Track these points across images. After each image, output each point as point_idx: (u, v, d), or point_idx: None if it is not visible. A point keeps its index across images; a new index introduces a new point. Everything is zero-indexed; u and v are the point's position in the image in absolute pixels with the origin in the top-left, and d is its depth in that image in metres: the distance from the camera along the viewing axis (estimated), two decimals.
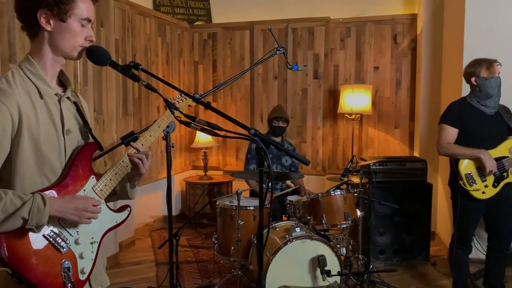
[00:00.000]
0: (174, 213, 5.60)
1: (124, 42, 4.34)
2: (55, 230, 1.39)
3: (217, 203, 3.46)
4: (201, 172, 5.52)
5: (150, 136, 1.67)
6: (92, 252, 1.48)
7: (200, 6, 5.78)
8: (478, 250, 3.71)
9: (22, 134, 1.34)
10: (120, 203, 1.67)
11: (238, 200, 3.13)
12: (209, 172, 5.51)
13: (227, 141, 5.54)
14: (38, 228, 1.32)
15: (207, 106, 1.43)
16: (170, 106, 1.42)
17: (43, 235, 1.35)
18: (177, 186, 5.70)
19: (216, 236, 3.47)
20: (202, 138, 5.38)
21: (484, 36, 3.78)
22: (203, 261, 4.16)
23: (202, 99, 2.88)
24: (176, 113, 1.60)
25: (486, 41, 3.75)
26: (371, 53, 5.13)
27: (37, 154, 1.38)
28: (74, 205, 1.38)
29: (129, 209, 1.61)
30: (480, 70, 2.90)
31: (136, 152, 1.57)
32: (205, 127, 1.41)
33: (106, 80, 3.89)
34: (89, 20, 1.46)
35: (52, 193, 1.38)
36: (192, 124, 1.41)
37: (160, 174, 4.98)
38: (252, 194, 3.98)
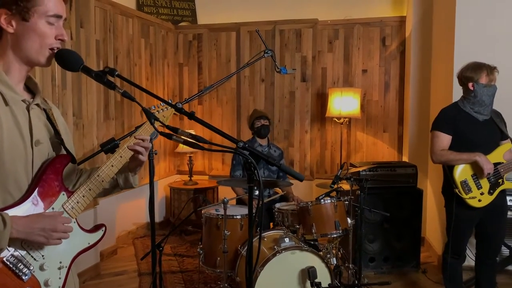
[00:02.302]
0: (158, 219, 5.44)
1: (105, 43, 4.17)
2: (17, 254, 1.23)
3: (203, 211, 3.32)
4: (186, 177, 5.37)
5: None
6: (59, 278, 1.32)
7: (185, 6, 5.64)
8: (469, 257, 3.64)
9: None
10: (86, 226, 1.51)
11: (225, 209, 2.99)
12: (194, 177, 5.36)
13: (214, 139, 5.40)
14: None
15: (191, 116, 1.30)
16: (149, 116, 1.29)
17: (2, 261, 1.20)
18: (162, 192, 5.53)
19: (201, 246, 3.33)
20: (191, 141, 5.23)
21: (475, 39, 3.72)
22: (188, 271, 4.01)
23: (188, 103, 2.73)
24: (158, 123, 1.48)
25: (478, 44, 3.69)
26: (360, 55, 5.04)
27: None
28: (41, 224, 1.23)
29: (103, 228, 1.46)
30: (480, 76, 2.80)
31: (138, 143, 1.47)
32: (188, 139, 1.27)
33: (86, 83, 3.72)
34: (58, 16, 1.31)
35: (15, 211, 1.23)
36: (174, 137, 1.27)
37: (143, 179, 4.80)
38: (239, 201, 3.85)
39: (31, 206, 1.26)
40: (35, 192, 1.28)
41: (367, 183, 3.01)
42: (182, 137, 1.29)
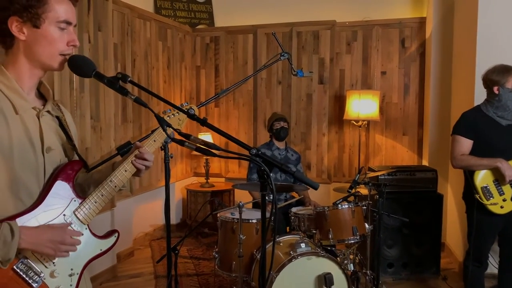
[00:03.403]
0: (175, 221, 5.46)
1: (123, 46, 4.20)
2: (27, 262, 1.23)
3: (218, 215, 3.31)
4: (203, 179, 5.37)
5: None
6: (71, 285, 1.32)
7: (202, 9, 5.64)
8: (492, 265, 3.53)
9: None
10: (103, 229, 1.50)
11: (240, 213, 2.97)
12: (211, 179, 5.36)
13: (230, 146, 5.39)
14: (4, 263, 1.16)
15: (203, 122, 1.28)
16: (161, 123, 1.27)
17: (12, 268, 1.19)
18: (178, 194, 5.55)
19: (217, 249, 3.31)
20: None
21: (498, 40, 3.61)
22: (203, 274, 4.00)
23: (205, 106, 2.71)
24: (171, 129, 1.47)
25: (501, 46, 3.58)
26: (378, 57, 4.97)
27: (9, 175, 1.22)
28: (49, 236, 1.23)
29: (116, 234, 1.44)
30: (507, 79, 2.70)
31: (140, 157, 1.44)
32: (200, 146, 1.25)
33: (103, 86, 3.72)
34: (68, 23, 1.31)
35: (26, 218, 1.22)
36: (186, 143, 1.25)
37: (160, 181, 4.83)
38: (255, 205, 3.82)
39: (42, 213, 1.26)
40: (46, 199, 1.27)
41: (385, 188, 2.94)
42: (195, 143, 1.26)
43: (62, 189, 1.31)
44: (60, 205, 1.30)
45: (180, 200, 5.58)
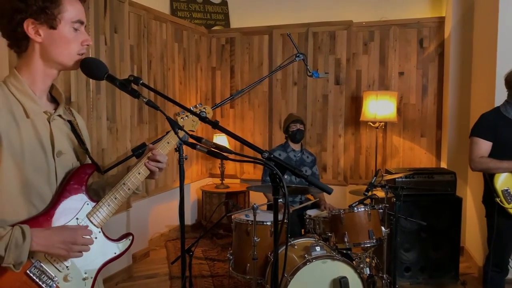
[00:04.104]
0: (190, 222, 5.47)
1: (139, 48, 4.23)
2: (40, 266, 1.23)
3: (232, 217, 3.29)
4: (218, 180, 5.37)
5: None
6: None
7: (218, 10, 5.65)
8: None
9: (2, 158, 1.19)
10: (119, 229, 1.50)
11: (254, 215, 2.95)
12: (226, 181, 5.35)
13: (245, 148, 5.37)
14: (16, 267, 1.16)
15: (215, 125, 1.26)
16: (173, 126, 1.26)
17: (25, 273, 1.20)
18: (194, 195, 5.56)
19: (231, 251, 3.30)
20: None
21: None
22: (218, 276, 4.00)
23: (221, 107, 2.70)
24: (190, 126, 1.46)
25: None
26: (396, 58, 4.89)
27: (21, 180, 1.22)
28: (61, 237, 1.22)
29: (130, 237, 1.44)
30: None
31: (153, 159, 1.43)
32: (212, 149, 1.24)
33: None
34: (81, 22, 1.31)
35: (38, 223, 1.22)
36: (198, 146, 1.24)
37: (176, 182, 4.84)
38: (270, 206, 3.80)
39: (55, 217, 1.26)
40: (59, 203, 1.27)
41: (402, 191, 2.89)
42: (206, 146, 1.25)
43: (74, 193, 1.31)
44: (73, 209, 1.30)
45: (195, 201, 5.59)
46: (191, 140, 1.27)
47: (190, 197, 5.44)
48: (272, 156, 1.21)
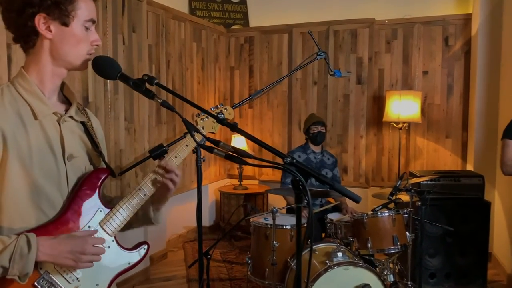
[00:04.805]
0: (208, 223, 5.41)
1: (157, 47, 4.18)
2: (49, 277, 1.16)
3: (251, 220, 3.21)
4: (236, 181, 5.30)
5: (176, 157, 1.41)
6: None
7: (237, 9, 5.58)
8: None
9: (8, 163, 1.13)
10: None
11: (274, 219, 2.86)
12: (244, 182, 5.28)
13: (263, 149, 5.29)
14: (22, 278, 1.09)
15: (234, 128, 1.18)
16: (189, 128, 1.18)
17: (33, 284, 1.13)
18: (212, 196, 5.50)
19: (249, 255, 3.22)
20: (237, 146, 5.15)
21: None
22: (236, 279, 3.92)
23: (239, 107, 2.62)
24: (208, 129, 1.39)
25: None
26: (420, 56, 4.74)
27: (30, 185, 1.16)
28: (69, 246, 1.14)
29: (145, 247, 1.36)
30: None
31: (164, 170, 1.34)
32: (230, 153, 1.16)
33: None
34: (93, 21, 1.25)
35: (47, 231, 1.15)
36: (215, 150, 1.16)
37: (194, 183, 4.79)
38: (289, 209, 3.71)
39: (65, 225, 1.19)
40: (70, 209, 1.20)
41: (429, 195, 2.76)
42: (224, 150, 1.17)
43: (87, 199, 1.24)
44: (85, 216, 1.23)
45: (213, 202, 5.54)
46: (208, 143, 1.19)
47: (208, 198, 5.38)
48: (295, 161, 1.12)
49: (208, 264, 3.12)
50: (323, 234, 3.52)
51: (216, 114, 1.19)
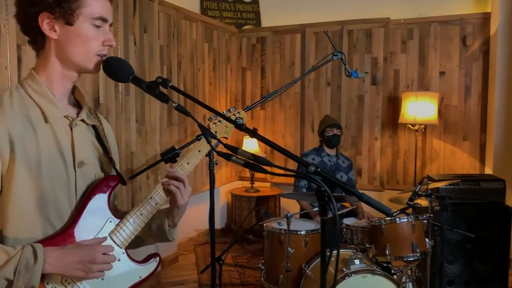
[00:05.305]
0: (219, 226, 5.35)
1: (169, 48, 4.12)
2: None
3: (264, 225, 3.13)
4: (248, 184, 5.23)
5: (188, 163, 1.33)
6: None
7: (249, 9, 5.50)
8: None
9: (15, 170, 1.06)
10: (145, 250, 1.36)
11: (288, 225, 2.78)
12: (256, 184, 5.20)
13: (275, 151, 5.20)
14: None
15: (253, 134, 1.10)
16: (206, 134, 1.11)
17: None
18: (223, 198, 5.43)
19: (263, 261, 3.14)
20: (250, 148, 5.08)
21: None
22: (249, 284, 3.84)
23: (251, 109, 2.54)
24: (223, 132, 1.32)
25: None
26: (437, 56, 4.62)
27: (37, 193, 1.09)
28: (77, 256, 1.07)
29: (157, 259, 1.29)
30: None
31: (172, 178, 1.26)
32: (249, 161, 1.08)
33: None
34: (104, 20, 1.16)
35: (54, 243, 1.08)
36: (233, 158, 1.08)
37: (205, 186, 4.73)
38: (304, 214, 3.62)
39: (73, 237, 1.12)
40: (78, 220, 1.13)
41: (450, 201, 2.65)
42: (243, 158, 1.09)
43: (96, 209, 1.17)
44: (94, 227, 1.16)
45: (224, 205, 5.47)
46: (225, 150, 1.11)
47: (219, 200, 5.32)
48: (319, 170, 1.04)
49: (221, 270, 3.05)
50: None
51: (235, 119, 1.11)
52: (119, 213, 1.27)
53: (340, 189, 1.07)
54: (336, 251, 1.06)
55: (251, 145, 5.03)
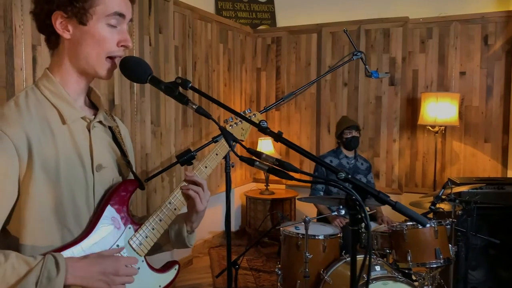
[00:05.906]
0: (234, 228, 5.29)
1: (184, 49, 4.08)
2: None
3: (281, 228, 3.07)
4: (262, 186, 5.16)
5: (206, 167, 1.29)
6: None
7: (264, 9, 5.44)
8: None
9: (33, 174, 1.00)
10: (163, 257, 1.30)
11: (306, 229, 2.71)
12: (271, 186, 5.13)
13: (290, 152, 5.13)
14: None
15: (278, 138, 1.03)
16: (227, 138, 1.05)
17: None
18: (238, 200, 5.38)
19: (279, 266, 3.07)
20: (264, 150, 5.01)
21: None
22: None
23: (266, 111, 2.46)
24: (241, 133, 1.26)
25: None
26: (457, 56, 4.50)
27: (55, 199, 1.03)
28: (101, 267, 1.02)
29: (176, 267, 1.23)
30: None
31: (190, 183, 1.22)
32: (274, 166, 1.01)
33: None
34: (121, 15, 1.09)
35: (74, 251, 1.04)
36: (257, 163, 1.02)
37: (220, 187, 4.68)
38: (321, 218, 3.54)
39: (93, 244, 1.07)
40: (97, 226, 1.08)
41: (475, 205, 2.56)
42: (267, 163, 1.03)
43: (115, 215, 1.12)
44: (113, 234, 1.11)
45: (239, 207, 5.41)
46: (248, 154, 1.05)
47: (234, 202, 5.26)
48: (349, 177, 0.97)
49: (236, 274, 2.99)
50: (358, 245, 3.34)
51: (259, 122, 1.05)
52: (136, 219, 1.22)
53: (372, 198, 0.99)
54: (368, 261, 0.97)
55: (266, 146, 4.97)
